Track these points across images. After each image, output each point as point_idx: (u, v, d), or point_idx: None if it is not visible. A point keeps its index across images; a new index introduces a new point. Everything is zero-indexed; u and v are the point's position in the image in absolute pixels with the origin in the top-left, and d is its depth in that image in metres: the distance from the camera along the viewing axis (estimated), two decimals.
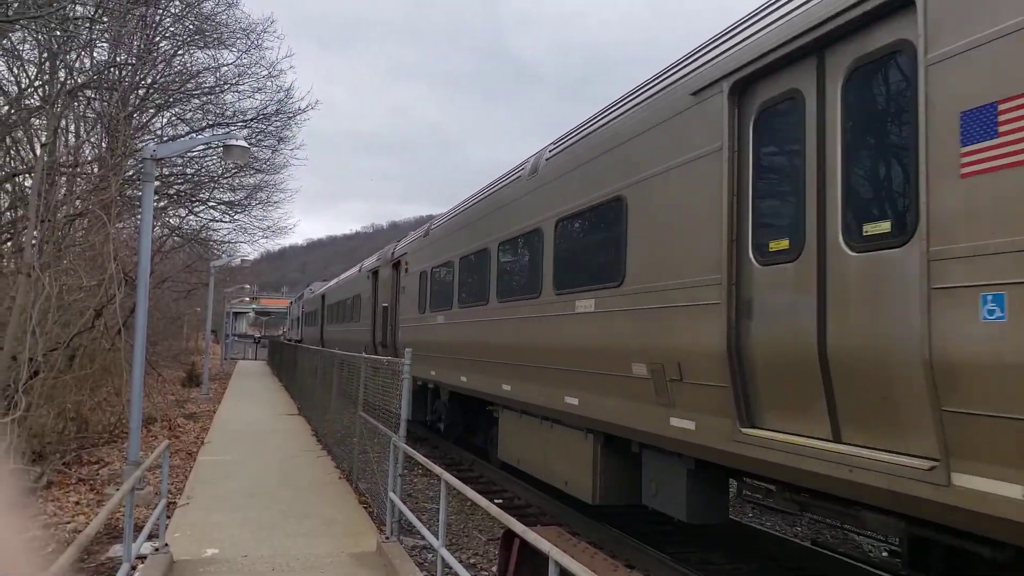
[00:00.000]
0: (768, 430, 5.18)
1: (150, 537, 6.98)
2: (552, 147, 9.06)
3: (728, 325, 5.36)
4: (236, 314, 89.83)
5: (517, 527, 4.94)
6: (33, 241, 11.21)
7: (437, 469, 6.73)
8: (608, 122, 7.51)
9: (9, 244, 15.08)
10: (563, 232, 8.30)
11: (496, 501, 9.96)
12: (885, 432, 4.33)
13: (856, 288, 4.49)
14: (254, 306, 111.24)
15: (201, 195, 23.68)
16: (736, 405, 5.34)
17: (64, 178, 13.99)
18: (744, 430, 5.29)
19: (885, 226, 4.34)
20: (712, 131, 5.59)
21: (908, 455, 4.16)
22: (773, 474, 5.19)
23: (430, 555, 8.06)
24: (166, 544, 7.54)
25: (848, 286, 4.55)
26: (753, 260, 5.32)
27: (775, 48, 5.01)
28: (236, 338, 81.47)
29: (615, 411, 7.01)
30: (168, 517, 8.68)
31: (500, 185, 10.79)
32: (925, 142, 3.97)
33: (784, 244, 5.05)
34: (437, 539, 6.41)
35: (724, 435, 5.46)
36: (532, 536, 4.59)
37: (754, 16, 5.54)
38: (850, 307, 4.52)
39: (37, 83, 15.70)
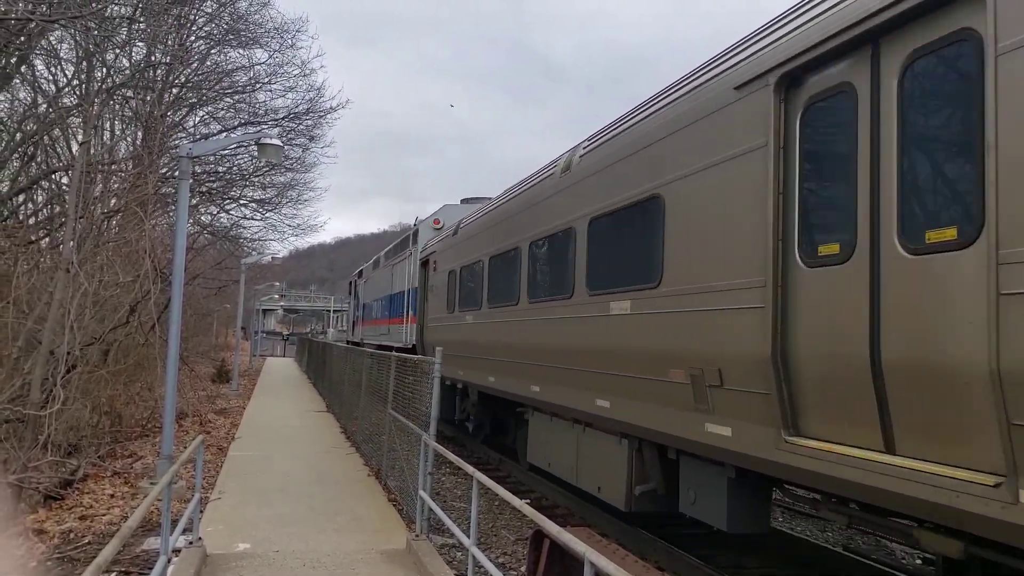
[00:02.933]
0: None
1: (184, 531, 7.04)
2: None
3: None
4: (265, 311, 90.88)
5: (552, 528, 4.89)
6: (72, 238, 11.39)
7: (469, 468, 6.69)
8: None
9: (47, 240, 15.37)
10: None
11: (524, 501, 9.92)
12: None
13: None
14: (283, 303, 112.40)
15: (232, 193, 23.98)
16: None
17: (100, 175, 14.21)
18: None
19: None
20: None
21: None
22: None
23: (459, 553, 8.04)
24: (200, 538, 7.60)
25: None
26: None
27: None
28: (265, 335, 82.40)
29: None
30: (201, 511, 8.76)
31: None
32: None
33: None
34: (468, 538, 6.38)
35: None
36: (566, 537, 4.53)
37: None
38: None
39: (75, 82, 15.99)
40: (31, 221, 16.19)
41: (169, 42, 17.30)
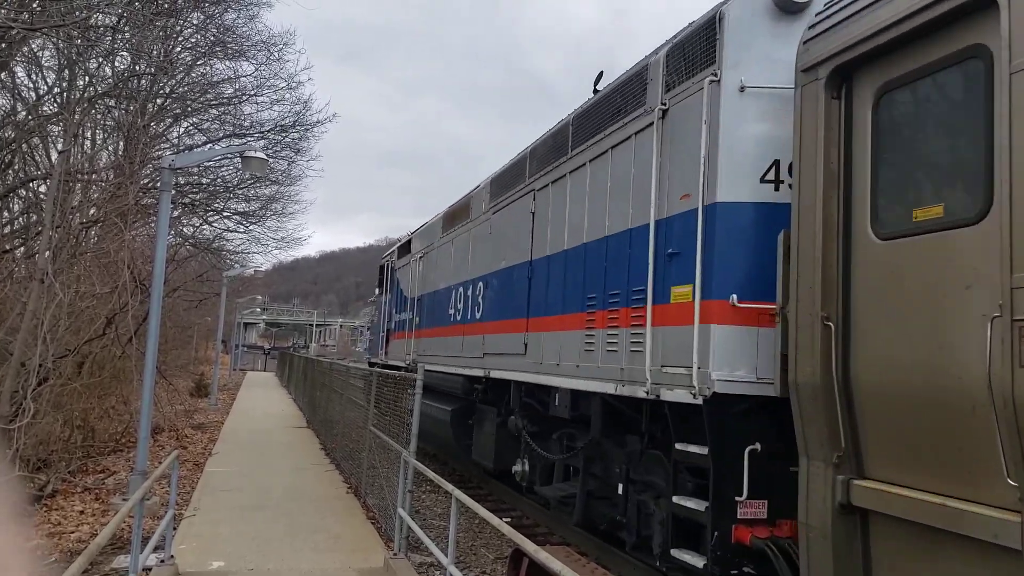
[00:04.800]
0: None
1: (156, 549, 6.87)
2: None
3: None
4: (247, 324, 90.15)
5: (529, 547, 4.82)
6: (48, 248, 11.21)
7: (448, 486, 6.60)
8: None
9: (22, 249, 15.13)
10: None
11: (505, 519, 9.80)
12: None
13: None
14: (265, 316, 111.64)
15: (216, 205, 23.78)
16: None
17: (79, 185, 14.04)
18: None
19: None
20: None
21: None
22: None
23: (437, 572, 7.91)
24: (172, 556, 7.42)
25: None
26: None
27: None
28: (246, 348, 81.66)
29: None
30: (174, 528, 8.57)
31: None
32: None
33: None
34: (447, 556, 6.27)
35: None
36: (543, 556, 4.46)
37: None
38: None
39: (56, 90, 15.83)
40: (6, 230, 15.96)
41: (154, 53, 17.20)
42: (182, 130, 21.54)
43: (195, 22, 18.56)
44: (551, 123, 9.36)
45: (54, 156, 14.74)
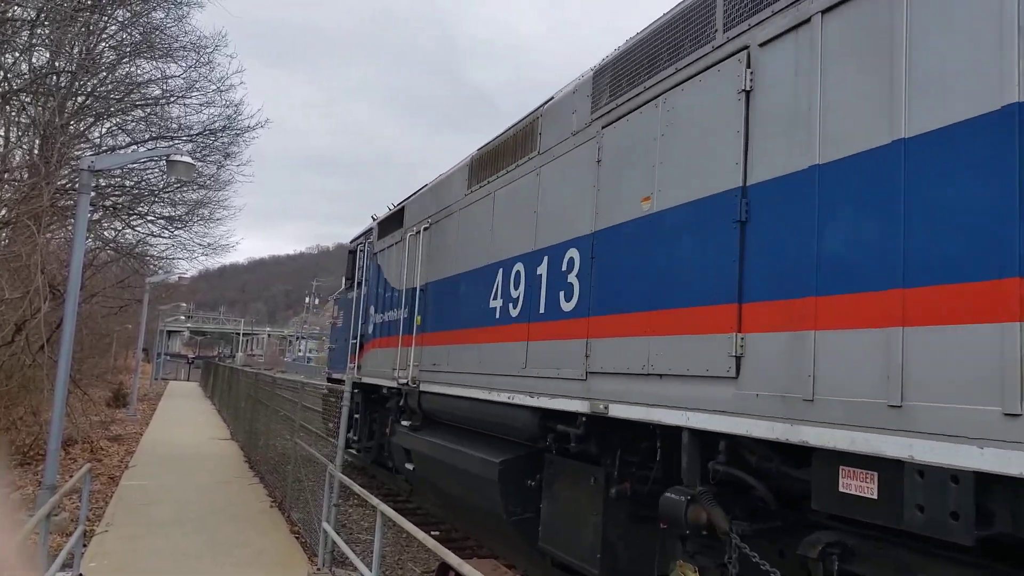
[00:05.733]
0: None
1: (64, 566, 6.57)
2: None
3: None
4: (170, 332, 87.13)
5: (453, 560, 4.83)
6: None
7: (374, 500, 6.54)
8: None
9: None
10: None
11: (433, 533, 9.74)
12: None
13: None
14: (190, 324, 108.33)
15: (139, 208, 22.91)
16: None
17: None
18: None
19: None
20: None
21: None
22: None
23: None
24: (81, 574, 7.11)
25: None
26: None
27: None
28: (169, 357, 78.89)
29: None
30: (84, 545, 8.21)
31: None
32: None
33: None
34: (371, 571, 6.20)
35: None
36: (467, 569, 4.48)
37: None
38: None
39: None
40: None
41: (76, 50, 16.54)
42: (104, 130, 20.72)
43: (120, 19, 17.95)
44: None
45: None
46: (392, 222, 12.20)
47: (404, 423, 10.29)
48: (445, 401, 8.53)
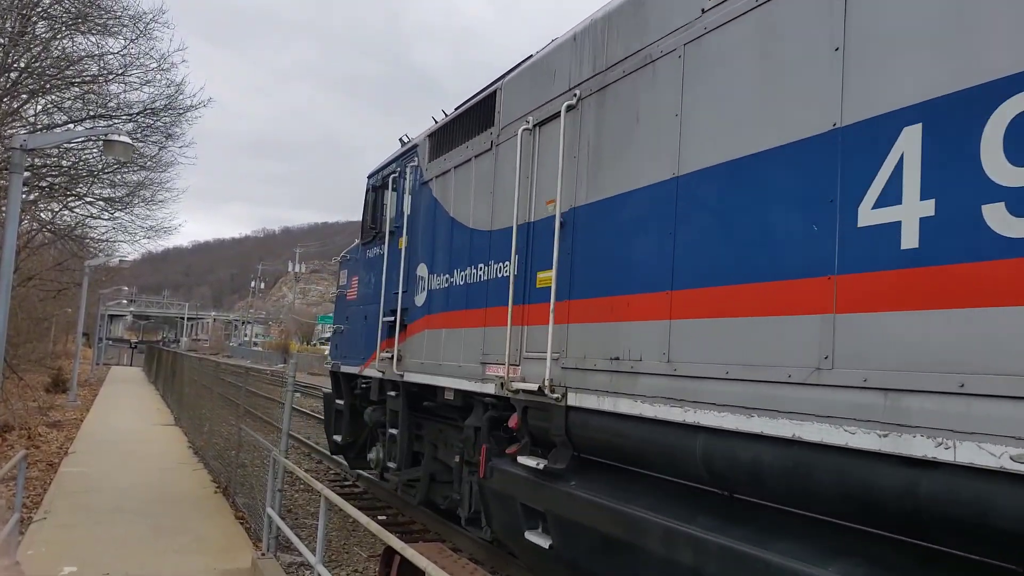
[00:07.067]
0: None
1: None
2: None
3: None
4: (112, 316, 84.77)
5: (396, 543, 4.91)
6: None
7: (318, 485, 6.59)
8: None
9: None
10: None
11: (379, 518, 9.82)
12: None
13: None
14: (132, 309, 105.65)
15: (78, 189, 22.24)
16: None
17: None
18: None
19: None
20: None
21: None
22: None
23: (307, 572, 7.85)
24: (17, 562, 7.00)
25: None
26: None
27: None
28: (111, 342, 76.79)
29: None
30: (21, 533, 8.06)
31: None
32: None
33: None
34: (315, 555, 6.26)
35: None
36: (410, 552, 4.57)
37: None
38: None
39: None
40: None
41: (7, 23, 15.91)
42: (40, 108, 20.01)
43: None
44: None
45: None
46: (465, 124, 7.96)
47: (527, 461, 5.99)
48: (642, 431, 4.78)
